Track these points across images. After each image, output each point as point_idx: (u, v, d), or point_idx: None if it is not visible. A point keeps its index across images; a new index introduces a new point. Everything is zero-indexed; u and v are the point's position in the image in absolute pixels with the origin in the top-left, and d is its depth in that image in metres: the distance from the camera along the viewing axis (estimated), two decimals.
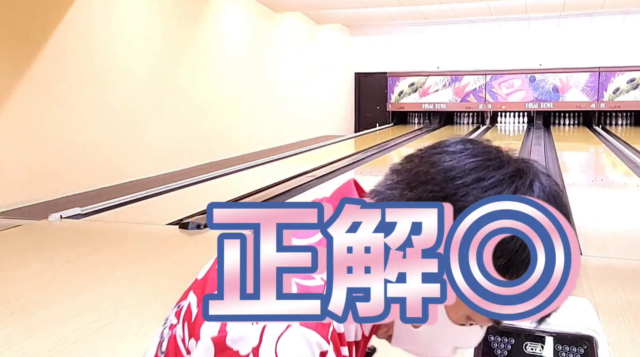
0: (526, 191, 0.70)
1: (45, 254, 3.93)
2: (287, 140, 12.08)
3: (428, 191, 0.72)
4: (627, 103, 15.05)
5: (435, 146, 0.78)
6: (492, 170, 0.71)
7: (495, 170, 0.72)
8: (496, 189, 0.70)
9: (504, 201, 0.65)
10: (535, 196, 0.70)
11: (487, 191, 0.70)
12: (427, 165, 0.74)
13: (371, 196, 0.78)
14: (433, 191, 0.71)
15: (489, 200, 0.66)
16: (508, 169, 0.72)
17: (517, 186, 0.70)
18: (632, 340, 2.52)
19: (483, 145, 0.76)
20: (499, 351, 1.13)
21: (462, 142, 0.76)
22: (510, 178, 0.71)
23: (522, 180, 0.71)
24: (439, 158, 0.74)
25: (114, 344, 2.55)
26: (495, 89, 15.88)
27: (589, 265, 3.61)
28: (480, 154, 0.73)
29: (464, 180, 0.71)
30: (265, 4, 11.52)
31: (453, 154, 0.74)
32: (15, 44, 6.07)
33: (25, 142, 6.20)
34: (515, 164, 0.73)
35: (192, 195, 6.42)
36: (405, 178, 0.75)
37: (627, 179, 7.63)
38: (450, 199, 0.69)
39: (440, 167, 0.73)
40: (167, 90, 8.60)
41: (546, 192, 0.71)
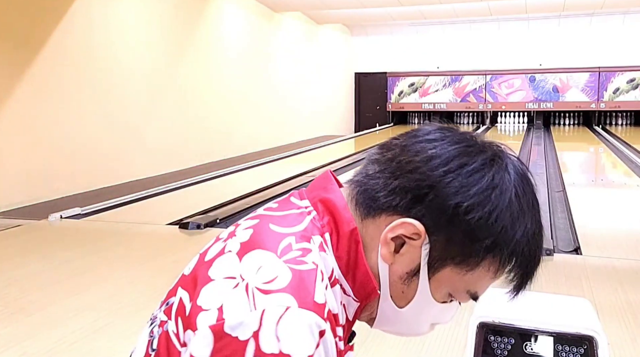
0: (504, 173, 0.75)
1: (45, 254, 3.93)
2: (287, 140, 12.08)
3: (413, 179, 0.74)
4: (627, 103, 15.04)
5: (414, 135, 0.80)
6: (474, 155, 0.75)
7: (476, 155, 0.76)
8: (480, 173, 0.74)
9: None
10: (511, 176, 0.76)
11: (471, 176, 0.74)
12: (411, 154, 0.76)
13: (352, 187, 0.80)
14: (418, 180, 0.74)
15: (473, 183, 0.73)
16: (487, 154, 0.77)
17: (496, 169, 0.75)
18: (632, 340, 2.52)
19: (459, 132, 0.80)
20: (499, 351, 1.13)
21: (439, 130, 0.79)
22: (490, 162, 0.76)
23: (500, 163, 0.76)
24: (422, 147, 0.76)
25: (114, 344, 2.55)
26: (495, 89, 15.88)
27: (589, 265, 3.61)
28: (459, 141, 0.77)
29: (448, 166, 0.74)
30: (265, 4, 11.52)
31: (434, 142, 0.77)
32: (15, 44, 6.07)
33: (26, 142, 6.20)
34: (491, 149, 0.78)
35: (192, 195, 6.42)
36: (388, 167, 0.77)
37: (627, 179, 7.63)
38: (437, 186, 0.73)
39: (424, 155, 0.75)
40: (167, 90, 8.60)
41: (518, 173, 0.77)
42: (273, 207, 0.82)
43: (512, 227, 0.74)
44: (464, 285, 0.78)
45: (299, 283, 0.68)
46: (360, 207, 0.78)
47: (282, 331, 0.64)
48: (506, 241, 0.74)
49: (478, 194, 0.73)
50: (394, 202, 0.75)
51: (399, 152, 0.78)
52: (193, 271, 0.77)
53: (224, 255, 0.74)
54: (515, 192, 0.75)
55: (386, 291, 0.79)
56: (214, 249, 0.77)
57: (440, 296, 0.79)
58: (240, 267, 0.70)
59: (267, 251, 0.71)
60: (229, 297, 0.67)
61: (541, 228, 0.79)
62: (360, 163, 0.96)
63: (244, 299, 0.67)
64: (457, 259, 0.75)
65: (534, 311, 1.16)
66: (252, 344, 0.64)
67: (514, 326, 1.13)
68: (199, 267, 0.76)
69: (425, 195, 0.74)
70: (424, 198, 0.74)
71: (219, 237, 0.81)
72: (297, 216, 0.78)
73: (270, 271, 0.69)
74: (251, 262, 0.70)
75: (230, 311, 0.66)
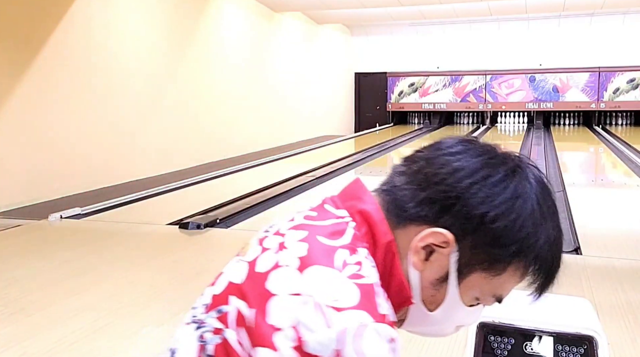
0: (525, 182, 0.80)
1: (45, 254, 3.92)
2: (287, 140, 12.08)
3: (441, 191, 0.79)
4: (627, 103, 15.04)
5: (437, 148, 0.85)
6: (496, 166, 0.80)
7: (499, 166, 0.80)
8: (503, 183, 0.79)
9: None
10: (532, 185, 0.81)
11: (496, 186, 0.79)
12: (436, 167, 0.81)
13: (381, 197, 0.84)
14: (445, 191, 0.79)
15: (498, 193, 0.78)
16: (509, 165, 0.81)
17: (518, 179, 0.80)
18: (632, 340, 2.52)
19: (481, 144, 0.85)
20: (499, 351, 1.13)
21: (461, 143, 0.84)
22: (512, 173, 0.80)
23: (521, 173, 0.81)
24: (446, 160, 0.81)
25: (114, 344, 2.55)
26: (495, 89, 15.88)
27: (589, 265, 3.61)
28: (482, 153, 0.82)
29: (474, 178, 0.79)
30: (265, 4, 11.51)
31: (457, 155, 0.81)
32: (15, 44, 6.07)
33: (26, 142, 6.20)
34: (512, 160, 0.82)
35: (192, 195, 6.42)
36: (415, 179, 0.82)
37: (627, 179, 7.63)
38: (464, 196, 0.78)
39: (449, 167, 0.80)
40: (167, 90, 8.60)
41: (538, 181, 0.82)
42: (312, 216, 0.84)
43: (535, 233, 0.79)
44: (491, 289, 0.83)
45: (366, 298, 0.72)
46: (391, 217, 0.82)
47: (363, 347, 0.68)
48: (530, 246, 0.79)
49: (503, 204, 0.78)
50: (422, 213, 0.80)
51: (424, 165, 0.82)
52: (246, 282, 0.77)
53: (282, 269, 0.75)
54: (536, 200, 0.80)
55: (417, 296, 0.83)
56: (264, 261, 0.78)
57: (468, 300, 0.84)
58: (304, 283, 0.72)
59: (328, 267, 0.74)
60: (301, 315, 0.70)
61: (561, 233, 0.85)
62: (360, 163, 0.98)
63: (318, 317, 0.69)
64: (485, 264, 0.80)
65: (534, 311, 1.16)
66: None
67: (514, 326, 1.13)
68: (251, 278, 0.77)
69: (452, 205, 0.78)
70: (451, 208, 0.78)
71: (264, 246, 0.82)
72: (338, 226, 0.80)
73: (338, 288, 0.72)
74: (315, 279, 0.73)
75: (308, 330, 0.69)
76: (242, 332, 0.74)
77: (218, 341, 0.76)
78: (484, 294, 0.83)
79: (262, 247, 0.81)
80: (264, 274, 0.75)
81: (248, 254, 0.82)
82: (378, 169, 8.72)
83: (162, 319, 2.79)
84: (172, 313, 2.84)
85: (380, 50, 16.64)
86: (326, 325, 0.68)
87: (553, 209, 0.83)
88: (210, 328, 0.78)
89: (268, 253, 0.79)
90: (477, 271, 0.80)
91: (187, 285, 3.31)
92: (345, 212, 0.82)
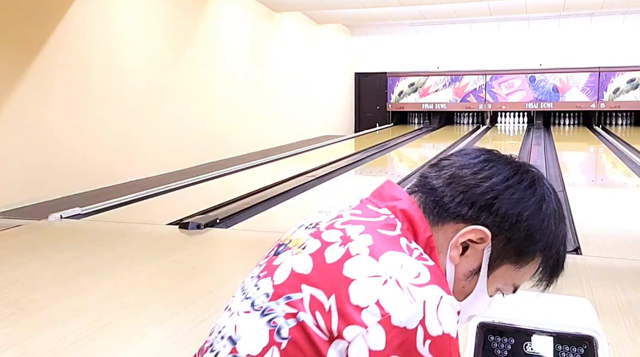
0: (546, 189, 0.95)
1: (45, 254, 3.92)
2: (287, 140, 12.08)
3: (479, 193, 0.91)
4: (627, 103, 15.04)
5: (465, 154, 0.98)
6: (524, 174, 0.95)
7: (525, 173, 0.95)
8: (532, 188, 0.93)
9: None
10: (550, 191, 0.96)
11: (527, 190, 0.92)
12: (470, 173, 0.93)
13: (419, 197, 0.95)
14: (484, 193, 0.91)
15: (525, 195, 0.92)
16: (532, 173, 0.96)
17: (541, 185, 0.95)
18: (632, 340, 2.52)
19: (502, 154, 0.99)
20: (499, 351, 1.13)
21: (487, 152, 0.97)
22: (537, 179, 0.95)
23: (540, 180, 0.96)
24: (480, 167, 0.94)
25: (114, 344, 2.55)
26: (495, 89, 15.87)
27: (589, 265, 3.61)
28: (509, 162, 0.96)
29: (509, 182, 0.92)
30: (265, 4, 11.51)
31: (489, 162, 0.95)
32: (15, 44, 6.07)
33: (26, 142, 6.20)
34: (532, 170, 0.97)
35: (192, 195, 6.42)
36: (452, 182, 0.93)
37: (627, 179, 7.63)
38: (501, 197, 0.91)
39: (485, 173, 0.93)
40: (167, 90, 8.60)
41: (552, 189, 0.97)
42: (359, 214, 0.93)
43: (555, 231, 0.93)
44: (514, 280, 0.96)
45: (435, 276, 0.82)
46: (430, 215, 0.92)
47: (441, 316, 0.78)
48: (553, 242, 0.93)
49: (534, 205, 0.91)
50: (462, 212, 0.91)
51: (457, 172, 0.94)
52: (315, 271, 0.84)
53: (355, 257, 0.83)
54: (555, 204, 0.95)
55: (450, 288, 0.92)
56: (332, 253, 0.85)
57: (492, 290, 0.96)
58: (382, 267, 0.81)
59: (398, 252, 0.84)
60: (382, 293, 0.78)
61: (567, 232, 1.00)
62: (360, 163, 1.00)
63: (400, 293, 0.78)
64: (513, 258, 0.92)
65: (534, 311, 1.16)
66: (421, 330, 0.77)
67: (514, 326, 1.13)
68: (321, 269, 0.84)
69: (491, 205, 0.90)
70: (489, 208, 0.90)
71: (324, 239, 0.89)
72: (388, 221, 0.90)
73: (413, 268, 0.82)
74: (391, 262, 0.82)
75: (392, 305, 0.77)
76: (318, 316, 0.80)
77: (293, 324, 0.81)
78: (507, 285, 0.96)
79: (323, 241, 0.88)
80: (338, 263, 0.83)
81: (305, 247, 0.89)
82: (378, 169, 8.72)
83: (162, 319, 2.79)
84: (172, 313, 2.85)
85: (380, 50, 16.64)
86: (410, 300, 0.78)
87: (563, 211, 0.97)
88: (281, 314, 0.83)
89: (334, 246, 0.86)
90: (505, 263, 0.93)
91: (187, 285, 3.31)
92: (388, 211, 0.92)
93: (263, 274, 0.91)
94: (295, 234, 0.95)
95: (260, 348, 0.82)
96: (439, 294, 0.79)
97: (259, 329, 0.83)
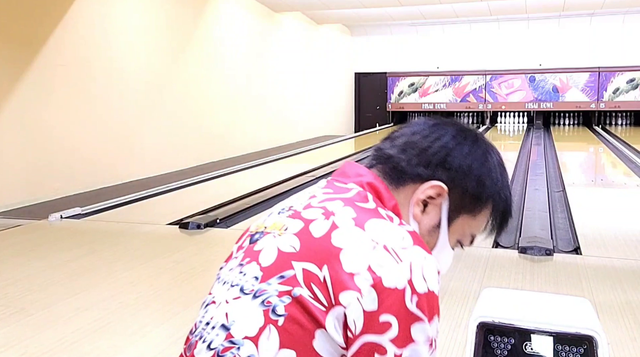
0: (488, 144, 1.04)
1: (45, 254, 3.93)
2: (287, 140, 12.08)
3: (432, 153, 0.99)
4: (627, 103, 15.04)
5: (416, 124, 1.05)
6: (468, 131, 1.04)
7: (469, 131, 1.04)
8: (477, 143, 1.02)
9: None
10: (492, 145, 1.05)
11: (474, 145, 1.01)
12: (421, 137, 1.01)
13: (379, 167, 1.01)
14: (436, 153, 0.98)
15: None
16: (473, 131, 1.05)
17: (483, 141, 1.04)
18: (632, 340, 2.52)
19: (445, 119, 1.06)
20: (499, 351, 1.13)
21: (430, 119, 1.05)
22: (480, 136, 1.04)
23: (482, 137, 1.05)
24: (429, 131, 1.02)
25: (114, 344, 2.55)
26: (495, 89, 15.88)
27: (589, 265, 3.61)
28: (453, 124, 1.04)
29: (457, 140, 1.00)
30: (265, 4, 11.51)
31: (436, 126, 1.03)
32: (15, 44, 6.07)
33: (26, 142, 6.20)
34: (473, 128, 1.06)
35: (192, 195, 6.42)
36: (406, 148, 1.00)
37: (627, 179, 7.63)
38: (452, 153, 0.98)
39: (434, 135, 1.00)
40: (167, 90, 8.60)
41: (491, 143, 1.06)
42: (331, 192, 0.97)
43: (501, 179, 1.02)
44: (472, 230, 1.02)
45: (417, 238, 0.89)
46: (391, 182, 0.99)
47: (426, 274, 0.84)
48: (501, 188, 1.01)
49: (481, 156, 1.00)
50: (419, 172, 0.97)
51: (410, 138, 1.01)
52: (303, 248, 0.87)
53: (341, 228, 0.88)
54: (497, 155, 1.04)
55: None
56: (318, 227, 0.89)
57: (453, 242, 1.01)
58: (368, 234, 0.86)
59: (381, 220, 0.90)
60: (372, 258, 0.83)
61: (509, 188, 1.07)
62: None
63: (388, 257, 0.84)
64: (469, 207, 0.99)
65: (534, 310, 1.17)
66: (409, 288, 0.82)
67: (514, 326, 1.13)
68: (309, 244, 0.87)
69: (444, 161, 0.97)
70: (443, 164, 0.97)
71: (304, 217, 0.92)
72: (361, 194, 0.95)
73: (397, 234, 0.88)
74: (376, 229, 0.87)
75: (382, 269, 0.82)
76: (314, 288, 0.83)
77: (288, 300, 0.83)
78: (465, 235, 1.02)
79: (305, 219, 0.92)
80: (325, 236, 0.87)
81: (287, 229, 0.92)
82: None
83: (162, 319, 2.79)
84: (172, 313, 2.85)
85: (380, 50, 16.64)
86: (398, 262, 0.83)
87: (503, 162, 1.05)
88: (274, 293, 0.85)
89: (318, 221, 0.90)
90: (462, 214, 0.99)
91: (187, 285, 3.31)
92: (356, 185, 0.97)
93: (246, 261, 0.93)
94: (268, 220, 0.98)
95: (257, 329, 0.83)
96: (423, 255, 0.86)
97: (252, 311, 0.85)
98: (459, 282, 3.19)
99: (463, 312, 2.74)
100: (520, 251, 3.83)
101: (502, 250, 4.03)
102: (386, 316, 0.81)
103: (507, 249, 4.03)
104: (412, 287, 0.82)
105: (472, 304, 2.81)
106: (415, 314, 0.81)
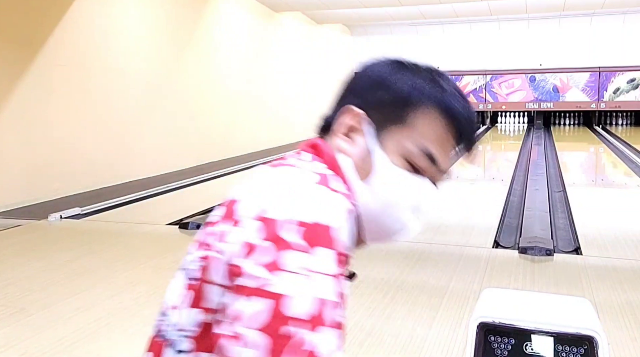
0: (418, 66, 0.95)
1: (45, 254, 3.93)
2: (287, 140, 12.09)
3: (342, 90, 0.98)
4: (627, 103, 15.05)
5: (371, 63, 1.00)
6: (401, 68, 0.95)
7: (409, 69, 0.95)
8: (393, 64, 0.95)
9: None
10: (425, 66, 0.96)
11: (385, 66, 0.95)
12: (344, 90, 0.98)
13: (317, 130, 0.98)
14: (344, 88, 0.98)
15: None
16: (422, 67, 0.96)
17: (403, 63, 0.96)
18: (632, 340, 2.52)
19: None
20: (499, 351, 1.13)
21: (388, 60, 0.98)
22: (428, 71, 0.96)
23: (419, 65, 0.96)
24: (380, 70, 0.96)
25: (114, 344, 2.55)
26: (496, 89, 15.88)
27: (589, 265, 3.61)
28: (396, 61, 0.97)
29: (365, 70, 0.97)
30: (265, 4, 11.52)
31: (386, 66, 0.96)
32: (15, 44, 6.07)
33: (26, 142, 6.20)
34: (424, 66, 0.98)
35: (192, 195, 6.42)
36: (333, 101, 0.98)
37: (627, 179, 7.64)
38: (355, 77, 0.98)
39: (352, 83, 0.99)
40: (167, 90, 8.60)
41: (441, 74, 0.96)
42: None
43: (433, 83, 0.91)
44: (412, 142, 0.89)
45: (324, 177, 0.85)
46: (324, 134, 0.96)
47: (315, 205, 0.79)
48: (435, 91, 0.91)
49: (389, 65, 0.94)
50: (335, 113, 0.95)
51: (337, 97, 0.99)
52: (221, 217, 0.86)
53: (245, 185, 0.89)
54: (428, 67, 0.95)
55: (357, 181, 0.91)
56: (232, 191, 0.90)
57: (399, 161, 0.90)
58: (264, 180, 0.86)
59: (287, 167, 0.88)
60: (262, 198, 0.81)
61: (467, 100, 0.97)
62: None
63: (276, 192, 0.81)
64: (391, 117, 0.90)
65: (534, 311, 1.16)
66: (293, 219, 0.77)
67: (514, 326, 1.13)
68: (225, 210, 0.86)
69: (352, 89, 0.96)
70: (351, 91, 0.95)
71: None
72: (294, 155, 0.93)
73: (299, 175, 0.85)
74: (275, 175, 0.86)
75: (267, 202, 0.80)
76: (219, 244, 0.81)
77: (202, 263, 0.83)
78: (409, 151, 0.89)
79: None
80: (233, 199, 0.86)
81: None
82: None
83: None
84: None
85: (380, 50, 16.64)
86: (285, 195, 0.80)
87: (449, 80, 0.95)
88: (195, 260, 0.86)
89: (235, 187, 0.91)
90: (388, 127, 0.90)
91: None
92: (297, 150, 0.95)
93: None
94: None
95: (178, 296, 0.88)
96: (315, 188, 0.81)
97: (179, 283, 0.90)
98: (459, 283, 3.19)
99: (463, 312, 2.73)
100: (521, 251, 3.83)
101: (502, 250, 4.03)
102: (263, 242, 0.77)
103: (507, 249, 4.03)
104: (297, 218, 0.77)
105: (472, 305, 2.81)
106: (286, 241, 0.76)
